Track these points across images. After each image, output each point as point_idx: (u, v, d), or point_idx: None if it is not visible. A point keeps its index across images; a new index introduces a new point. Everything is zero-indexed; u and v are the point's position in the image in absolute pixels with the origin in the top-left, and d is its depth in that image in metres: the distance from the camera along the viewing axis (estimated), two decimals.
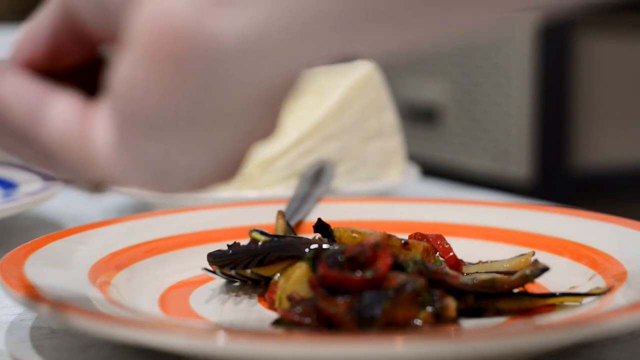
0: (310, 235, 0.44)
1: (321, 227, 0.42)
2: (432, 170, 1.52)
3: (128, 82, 0.26)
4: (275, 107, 0.27)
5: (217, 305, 0.41)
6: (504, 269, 0.41)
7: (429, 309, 0.35)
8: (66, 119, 0.28)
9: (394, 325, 0.34)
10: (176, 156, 0.27)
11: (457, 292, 0.37)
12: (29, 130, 0.29)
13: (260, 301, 0.41)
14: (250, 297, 0.42)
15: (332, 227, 0.42)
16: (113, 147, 0.28)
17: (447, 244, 0.42)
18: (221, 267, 0.42)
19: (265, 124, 0.28)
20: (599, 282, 0.40)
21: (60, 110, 0.29)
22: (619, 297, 0.36)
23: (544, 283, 0.42)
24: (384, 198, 0.59)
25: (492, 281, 0.37)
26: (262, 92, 0.26)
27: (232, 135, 0.27)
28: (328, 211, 0.52)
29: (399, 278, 0.35)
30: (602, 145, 1.66)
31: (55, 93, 0.29)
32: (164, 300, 0.41)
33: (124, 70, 0.26)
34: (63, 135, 0.28)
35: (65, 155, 0.29)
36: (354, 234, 0.42)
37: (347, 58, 0.27)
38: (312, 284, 0.36)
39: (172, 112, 0.26)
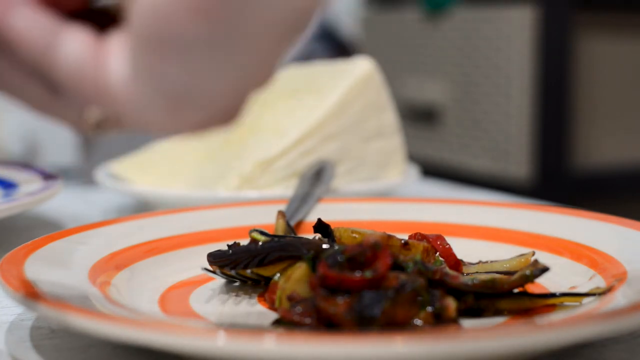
0: (310, 235, 0.44)
1: (321, 227, 0.42)
2: (432, 170, 1.53)
3: (154, 5, 0.26)
4: (286, 41, 0.28)
5: (217, 305, 0.41)
6: (504, 269, 0.41)
7: (429, 309, 0.35)
8: (80, 50, 0.28)
9: (393, 325, 0.34)
10: (194, 80, 0.27)
11: (457, 292, 0.37)
12: (41, 62, 0.28)
13: (260, 301, 0.41)
14: (250, 297, 0.42)
15: (332, 227, 0.42)
16: (129, 76, 0.28)
17: (447, 244, 0.42)
18: (221, 267, 0.42)
19: (272, 59, 0.28)
20: (599, 282, 0.40)
21: (73, 42, 0.28)
22: (619, 297, 0.36)
23: (544, 283, 0.42)
24: (384, 198, 0.59)
25: (492, 281, 0.37)
26: (283, 17, 0.27)
27: (248, 60, 0.28)
28: (328, 211, 0.52)
29: (398, 278, 0.35)
30: (602, 145, 1.66)
31: (67, 25, 0.29)
32: (164, 300, 0.41)
33: None
34: (77, 67, 0.28)
35: (78, 87, 0.28)
36: (354, 234, 0.42)
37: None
38: (312, 284, 0.36)
39: (200, 33, 0.26)
